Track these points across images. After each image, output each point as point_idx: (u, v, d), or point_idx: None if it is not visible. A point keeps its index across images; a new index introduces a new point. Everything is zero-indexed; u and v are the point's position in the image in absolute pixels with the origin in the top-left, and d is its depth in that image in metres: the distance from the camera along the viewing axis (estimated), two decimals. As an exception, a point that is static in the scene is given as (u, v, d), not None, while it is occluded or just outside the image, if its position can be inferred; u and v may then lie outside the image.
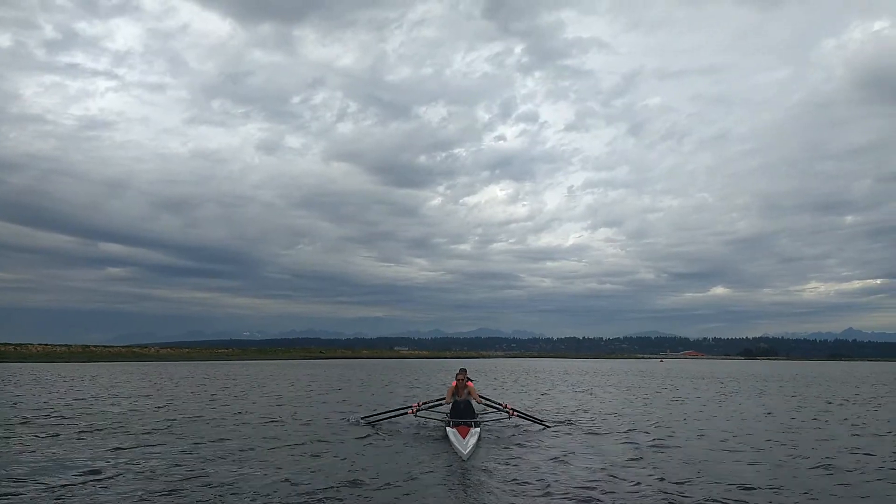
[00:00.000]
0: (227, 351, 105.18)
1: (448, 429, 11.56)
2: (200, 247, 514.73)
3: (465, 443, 10.34)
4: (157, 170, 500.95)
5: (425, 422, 13.79)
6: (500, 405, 13.67)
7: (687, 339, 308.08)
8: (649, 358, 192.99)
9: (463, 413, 12.21)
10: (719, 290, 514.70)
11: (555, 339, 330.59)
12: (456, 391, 12.82)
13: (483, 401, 13.85)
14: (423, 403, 13.83)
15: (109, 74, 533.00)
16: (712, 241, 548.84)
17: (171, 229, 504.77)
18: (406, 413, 13.29)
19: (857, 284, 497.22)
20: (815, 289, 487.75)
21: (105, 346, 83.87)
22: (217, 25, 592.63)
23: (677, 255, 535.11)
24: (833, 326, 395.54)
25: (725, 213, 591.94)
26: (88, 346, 79.32)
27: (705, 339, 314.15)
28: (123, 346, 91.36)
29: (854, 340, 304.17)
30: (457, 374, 13.14)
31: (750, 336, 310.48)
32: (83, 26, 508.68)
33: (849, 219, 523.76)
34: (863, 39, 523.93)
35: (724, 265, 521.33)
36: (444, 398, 13.44)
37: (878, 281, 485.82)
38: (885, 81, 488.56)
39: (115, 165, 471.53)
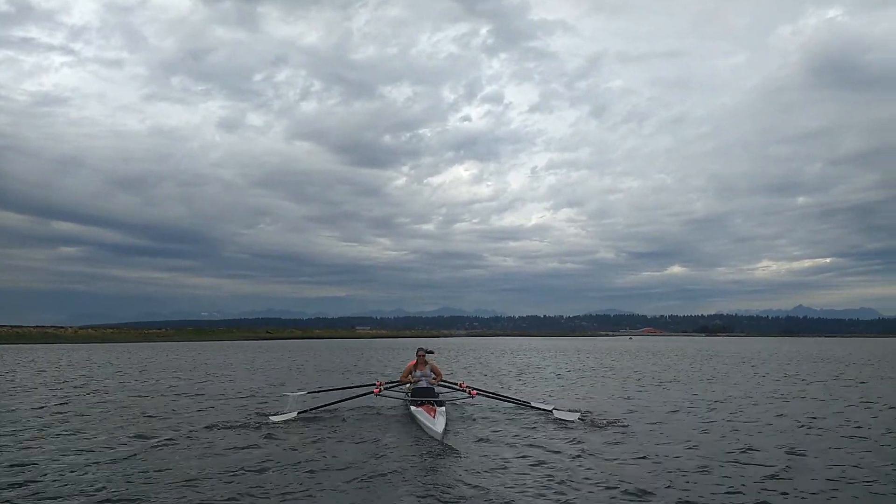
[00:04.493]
0: (160, 332, 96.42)
1: (413, 408, 11.14)
2: (158, 226, 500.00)
3: (436, 422, 9.93)
4: (113, 147, 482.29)
5: (386, 402, 13.37)
6: (457, 385, 13.18)
7: (645, 317, 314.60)
8: (614, 335, 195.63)
9: (425, 393, 11.92)
10: (676, 269, 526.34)
11: (516, 317, 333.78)
12: (415, 369, 12.40)
13: (443, 381, 13.30)
14: (387, 383, 13.28)
15: (65, 49, 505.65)
16: (670, 222, 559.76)
17: (128, 208, 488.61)
18: (370, 393, 12.62)
19: (807, 263, 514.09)
20: (767, 267, 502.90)
21: (13, 327, 77.31)
22: (177, 0, 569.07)
23: (636, 235, 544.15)
24: (783, 304, 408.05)
25: (683, 195, 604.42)
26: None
27: (662, 316, 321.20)
28: (35, 327, 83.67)
29: (804, 317, 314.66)
30: (417, 353, 12.70)
31: (705, 314, 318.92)
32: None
33: (800, 200, 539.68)
34: (817, 26, 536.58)
35: (680, 245, 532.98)
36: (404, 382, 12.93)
37: (828, 260, 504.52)
38: (838, 67, 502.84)
39: (69, 142, 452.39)
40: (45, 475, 7.15)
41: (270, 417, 11.38)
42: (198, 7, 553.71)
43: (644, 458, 8.23)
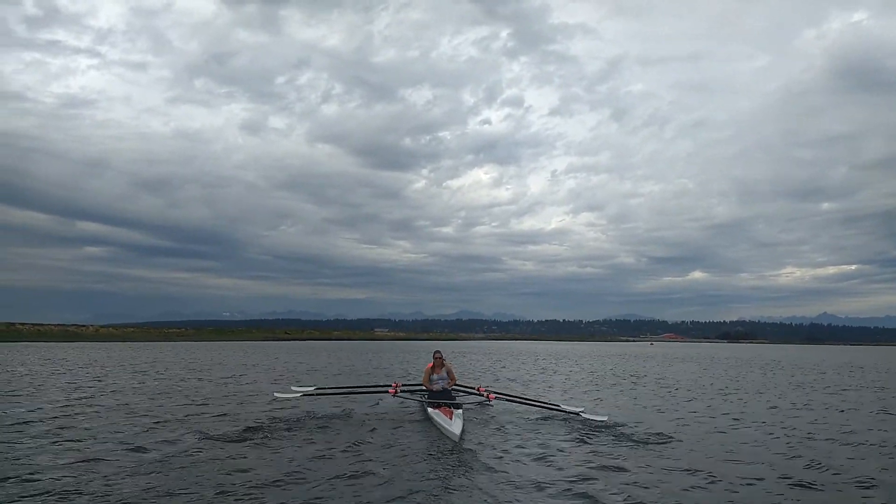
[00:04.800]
0: (180, 331, 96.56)
1: (430, 410, 11.02)
2: (181, 227, 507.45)
3: (453, 424, 9.78)
4: (138, 149, 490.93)
5: (403, 403, 13.40)
6: (475, 389, 13.13)
7: (665, 323, 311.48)
8: (635, 341, 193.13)
9: (442, 395, 11.96)
10: (697, 275, 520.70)
11: (535, 321, 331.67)
12: (433, 371, 12.36)
13: (459, 384, 13.25)
14: (403, 384, 13.47)
15: (91, 52, 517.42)
16: (691, 227, 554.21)
17: (152, 209, 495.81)
18: (386, 392, 12.46)
19: (831, 270, 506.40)
20: (791, 274, 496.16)
21: (35, 325, 76.97)
22: (201, 4, 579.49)
23: (657, 239, 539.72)
24: (807, 311, 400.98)
25: (704, 199, 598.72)
26: (13, 324, 73.21)
27: (683, 322, 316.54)
28: (56, 325, 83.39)
29: (829, 325, 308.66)
30: (434, 355, 12.55)
31: (726, 320, 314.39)
32: (65, 3, 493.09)
33: (824, 206, 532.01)
34: (842, 30, 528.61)
35: (702, 250, 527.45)
36: (421, 384, 13.00)
37: (853, 267, 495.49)
38: (863, 71, 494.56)
39: (95, 144, 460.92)
40: (52, 480, 6.60)
41: (275, 394, 12.07)
42: (221, 11, 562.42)
43: (713, 480, 7.18)
